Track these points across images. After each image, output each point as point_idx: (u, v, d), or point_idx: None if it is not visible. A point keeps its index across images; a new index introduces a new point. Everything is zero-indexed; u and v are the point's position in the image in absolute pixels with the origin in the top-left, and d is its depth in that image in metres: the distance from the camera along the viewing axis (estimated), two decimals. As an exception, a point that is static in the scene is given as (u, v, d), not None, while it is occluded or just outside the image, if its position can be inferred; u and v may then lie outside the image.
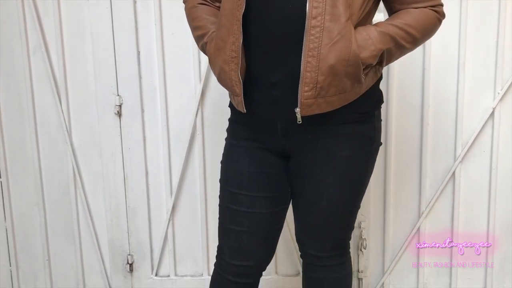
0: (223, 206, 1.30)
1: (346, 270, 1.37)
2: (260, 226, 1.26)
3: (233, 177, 1.27)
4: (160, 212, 1.86)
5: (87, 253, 1.90)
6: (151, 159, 1.83)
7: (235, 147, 1.28)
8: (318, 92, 1.09)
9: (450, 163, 1.78)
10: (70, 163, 1.83)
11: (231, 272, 1.30)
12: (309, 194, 1.24)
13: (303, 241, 1.35)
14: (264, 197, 1.25)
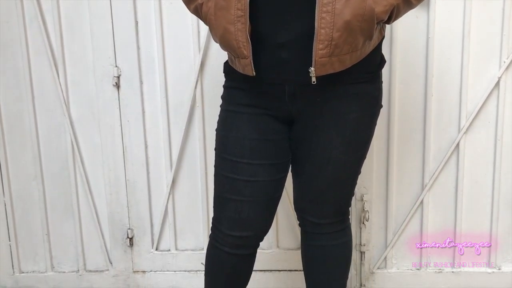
0: (221, 176, 1.25)
1: (346, 237, 1.35)
2: (262, 195, 1.23)
3: (233, 145, 1.22)
4: (160, 186, 1.84)
5: (86, 227, 1.88)
6: (150, 131, 1.80)
7: (234, 114, 1.23)
8: (333, 50, 1.05)
9: (454, 134, 1.75)
10: (69, 136, 1.80)
11: (229, 244, 1.26)
12: (316, 159, 1.21)
13: (303, 209, 1.32)
14: (266, 164, 1.21)
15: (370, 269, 1.85)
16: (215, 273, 1.32)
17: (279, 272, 1.87)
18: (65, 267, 1.92)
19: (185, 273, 1.88)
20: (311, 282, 1.39)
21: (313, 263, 1.37)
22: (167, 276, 1.89)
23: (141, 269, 1.89)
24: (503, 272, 1.82)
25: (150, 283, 1.89)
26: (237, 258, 1.28)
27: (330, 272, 1.35)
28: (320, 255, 1.34)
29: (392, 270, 1.85)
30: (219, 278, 1.31)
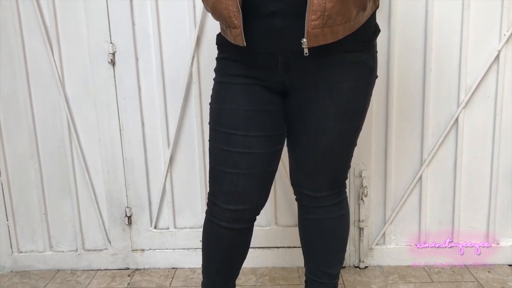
0: (216, 149, 1.23)
1: (343, 210, 1.34)
2: (257, 168, 1.21)
3: (227, 117, 1.20)
4: (158, 164, 1.83)
5: (84, 206, 1.87)
6: (146, 109, 1.78)
7: (228, 85, 1.20)
8: (326, 21, 1.04)
9: (453, 109, 1.74)
10: (64, 114, 1.78)
11: (226, 218, 1.25)
12: (311, 129, 1.20)
13: (299, 183, 1.31)
14: (262, 136, 1.20)
15: (369, 245, 1.85)
16: (212, 248, 1.31)
17: (278, 249, 1.87)
18: (64, 247, 1.91)
19: (183, 251, 1.88)
20: (309, 256, 1.39)
21: (310, 237, 1.36)
22: (166, 254, 1.89)
23: (140, 248, 1.89)
24: (502, 246, 1.82)
25: (149, 261, 1.89)
26: (234, 232, 1.27)
27: (327, 245, 1.34)
28: (317, 229, 1.33)
29: (390, 246, 1.85)
30: (217, 253, 1.31)
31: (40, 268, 1.91)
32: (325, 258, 1.36)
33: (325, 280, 1.35)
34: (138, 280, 1.81)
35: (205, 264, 1.35)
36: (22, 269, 1.91)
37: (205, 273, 1.36)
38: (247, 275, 1.81)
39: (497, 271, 1.78)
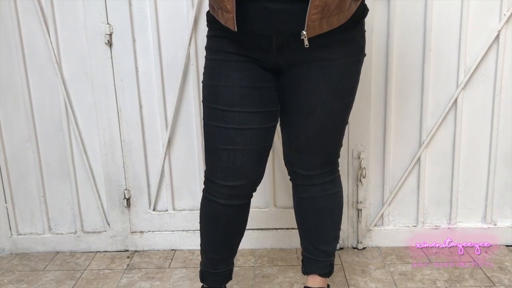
0: (212, 127, 1.23)
1: (336, 188, 1.36)
2: (254, 143, 1.22)
3: (223, 94, 1.19)
4: (156, 146, 1.83)
5: (83, 188, 1.87)
6: (144, 91, 1.77)
7: (222, 62, 1.20)
8: (324, 14, 1.07)
9: (452, 90, 1.73)
10: (62, 96, 1.77)
11: (224, 195, 1.26)
12: (304, 106, 1.22)
13: (293, 162, 1.33)
14: (257, 112, 1.20)
15: (367, 226, 1.86)
16: (211, 226, 1.31)
17: (276, 231, 1.87)
18: (63, 229, 1.92)
19: (182, 232, 1.89)
20: (305, 234, 1.40)
21: (305, 215, 1.38)
22: (165, 236, 1.89)
23: (139, 230, 1.90)
24: (499, 227, 1.83)
25: (148, 243, 1.90)
26: (232, 209, 1.28)
27: (322, 222, 1.36)
28: (312, 207, 1.35)
29: (388, 227, 1.86)
30: (216, 231, 1.31)
31: (40, 250, 1.92)
32: (320, 236, 1.38)
33: (322, 258, 1.38)
34: (137, 261, 1.82)
35: (203, 243, 1.36)
36: (22, 251, 1.92)
37: (203, 253, 1.37)
38: (246, 256, 1.82)
39: (494, 251, 1.79)
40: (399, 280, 1.62)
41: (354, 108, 1.72)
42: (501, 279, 1.61)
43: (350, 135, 1.77)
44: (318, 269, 1.38)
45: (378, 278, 1.64)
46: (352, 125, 1.76)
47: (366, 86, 1.72)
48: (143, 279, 1.69)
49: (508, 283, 1.58)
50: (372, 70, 1.71)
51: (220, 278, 1.38)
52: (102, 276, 1.73)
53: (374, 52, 1.70)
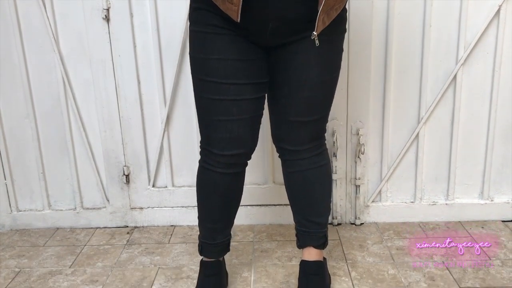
0: (206, 99, 1.24)
1: (324, 160, 1.38)
2: (248, 112, 1.25)
3: (216, 67, 1.20)
4: (155, 123, 1.82)
5: (82, 165, 1.88)
6: (142, 66, 1.76)
7: (212, 36, 1.19)
8: (328, 12, 1.14)
9: (452, 66, 1.73)
10: (59, 72, 1.76)
11: (221, 164, 1.29)
12: (293, 80, 1.24)
13: (281, 138, 1.35)
14: (250, 84, 1.23)
15: (365, 202, 1.87)
16: (209, 195, 1.34)
17: (275, 207, 1.89)
18: (62, 205, 1.93)
19: (182, 209, 1.90)
20: (297, 208, 1.42)
21: (296, 189, 1.39)
22: (165, 212, 1.90)
23: (138, 206, 1.91)
24: (496, 203, 1.85)
25: (147, 219, 1.91)
26: (229, 177, 1.32)
27: (312, 195, 1.38)
28: (301, 180, 1.37)
29: (386, 203, 1.88)
30: (214, 200, 1.34)
31: (40, 226, 1.93)
32: (312, 208, 1.39)
33: (315, 230, 1.39)
34: (137, 237, 1.83)
35: (201, 214, 1.38)
36: (22, 227, 1.93)
37: (202, 224, 1.39)
38: (245, 231, 1.84)
39: (490, 227, 1.81)
40: (396, 255, 1.64)
41: (353, 84, 1.74)
42: (496, 253, 1.63)
43: (349, 111, 1.77)
44: (312, 241, 1.40)
45: (376, 253, 1.66)
46: (351, 101, 1.76)
47: (366, 62, 1.72)
48: (143, 254, 1.71)
49: (503, 257, 1.60)
50: (371, 46, 1.71)
51: (219, 249, 1.41)
52: (102, 251, 1.74)
53: (374, 28, 1.69)
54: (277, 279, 1.52)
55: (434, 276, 1.51)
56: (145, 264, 1.64)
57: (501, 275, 1.51)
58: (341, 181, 1.85)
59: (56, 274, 1.60)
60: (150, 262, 1.66)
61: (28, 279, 1.58)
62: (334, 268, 1.57)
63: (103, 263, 1.66)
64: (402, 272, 1.54)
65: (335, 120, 1.77)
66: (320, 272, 1.40)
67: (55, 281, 1.56)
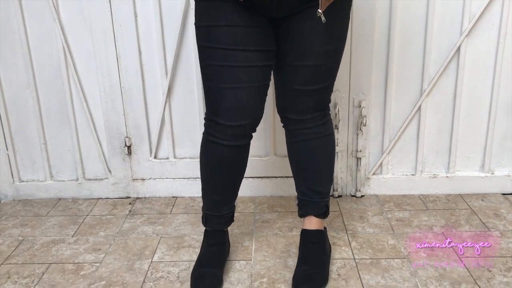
0: (214, 66, 1.22)
1: (328, 130, 1.38)
2: (257, 81, 1.24)
3: (223, 34, 1.19)
4: (156, 93, 1.82)
5: (83, 136, 1.88)
6: (143, 36, 1.75)
7: (218, 4, 1.18)
8: None
9: (456, 37, 1.71)
10: (60, 42, 1.75)
11: (228, 136, 1.27)
12: (299, 49, 1.23)
13: (285, 107, 1.35)
14: (259, 51, 1.21)
15: (366, 175, 1.88)
16: (215, 168, 1.33)
17: (276, 179, 1.89)
18: (64, 176, 1.94)
19: (183, 180, 1.91)
20: (299, 178, 1.42)
21: (299, 158, 1.39)
22: (166, 184, 1.91)
23: (140, 177, 1.92)
24: (496, 176, 1.85)
25: (149, 190, 1.92)
26: (236, 149, 1.30)
27: (315, 164, 1.38)
28: (305, 149, 1.37)
29: (387, 176, 1.88)
30: (220, 173, 1.33)
31: (42, 196, 1.94)
32: (314, 177, 1.40)
33: (316, 199, 1.40)
34: (139, 207, 1.85)
35: (206, 187, 1.38)
36: (24, 197, 1.95)
37: (207, 196, 1.39)
38: (246, 203, 1.85)
39: (490, 200, 1.82)
40: (396, 226, 1.66)
41: (356, 56, 1.73)
42: (496, 224, 1.65)
43: (351, 83, 1.76)
44: (313, 210, 1.41)
45: (376, 224, 1.67)
46: (354, 73, 1.75)
47: (369, 33, 1.70)
48: (145, 224, 1.72)
49: (502, 229, 1.62)
50: (375, 17, 1.69)
51: (224, 220, 1.41)
52: (104, 221, 1.76)
53: (378, -3, 1.68)
54: (277, 248, 1.54)
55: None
56: (147, 233, 1.66)
57: (500, 245, 1.52)
58: (342, 153, 1.85)
59: (59, 243, 1.62)
60: (152, 231, 1.67)
61: (32, 247, 1.60)
62: (334, 238, 1.58)
63: (105, 232, 1.68)
64: (402, 242, 1.55)
65: (337, 92, 1.77)
66: (321, 240, 1.41)
67: (58, 249, 1.58)
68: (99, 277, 1.42)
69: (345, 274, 1.39)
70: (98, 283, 1.39)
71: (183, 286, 1.36)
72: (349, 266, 1.43)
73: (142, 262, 1.49)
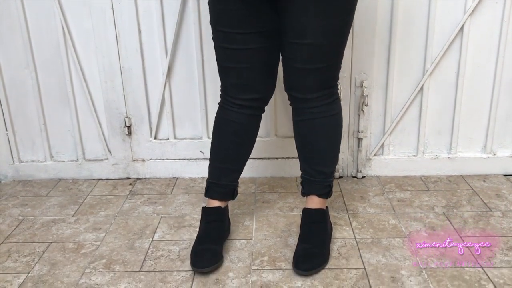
0: (219, 47, 1.32)
1: (335, 110, 1.36)
2: (257, 61, 1.29)
3: (222, 16, 1.25)
4: (156, 73, 1.80)
5: (83, 116, 1.86)
6: (143, 15, 1.72)
7: None
8: None
9: (459, 16, 1.69)
10: (59, 21, 1.73)
11: (237, 106, 1.35)
12: (295, 27, 1.22)
13: (290, 85, 1.34)
14: (256, 32, 1.25)
15: (367, 155, 1.87)
16: (222, 130, 1.39)
17: (277, 160, 1.88)
18: (64, 156, 1.93)
19: (184, 161, 1.90)
20: (304, 156, 1.41)
21: (304, 137, 1.39)
22: (167, 164, 1.91)
23: (140, 158, 1.91)
24: (498, 157, 1.84)
25: (149, 171, 1.91)
26: (244, 115, 1.37)
27: (320, 143, 1.37)
28: (310, 129, 1.36)
29: (389, 157, 1.87)
30: (226, 136, 1.38)
31: (42, 177, 1.94)
32: (319, 157, 1.39)
33: (320, 179, 1.40)
34: (140, 188, 1.84)
35: (213, 153, 1.43)
36: (24, 178, 1.94)
37: (211, 164, 1.43)
38: (247, 184, 1.84)
39: (492, 180, 1.81)
40: (397, 206, 1.65)
41: (358, 35, 1.71)
42: (497, 205, 1.64)
43: (353, 63, 1.75)
44: (316, 190, 1.41)
45: (377, 204, 1.67)
46: (356, 52, 1.73)
47: (371, 12, 1.68)
48: (145, 204, 1.72)
49: (504, 209, 1.61)
50: (377, -5, 1.67)
51: (223, 191, 1.43)
52: (105, 201, 1.75)
53: (381, -25, 1.65)
54: (278, 228, 1.54)
55: (435, 225, 1.52)
56: (147, 213, 1.66)
57: (501, 225, 1.51)
58: (343, 134, 1.83)
59: (59, 222, 1.62)
60: (153, 211, 1.67)
61: (32, 227, 1.59)
62: (335, 218, 1.58)
63: (105, 212, 1.68)
64: (403, 222, 1.55)
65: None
66: (322, 219, 1.41)
67: (58, 229, 1.58)
68: (99, 255, 1.42)
69: (346, 253, 1.39)
70: (99, 261, 1.39)
71: (183, 264, 1.36)
72: (350, 245, 1.43)
73: (143, 241, 1.49)
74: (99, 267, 1.37)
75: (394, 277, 1.28)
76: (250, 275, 1.31)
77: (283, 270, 1.33)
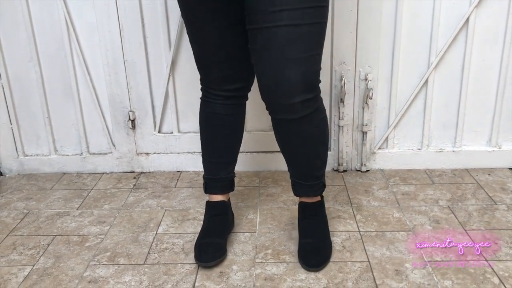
0: (192, 42, 1.31)
1: (322, 114, 1.25)
2: (238, 50, 1.27)
3: (193, 12, 1.23)
4: (160, 67, 1.80)
5: (87, 109, 1.87)
6: (146, 8, 1.72)
7: None
8: None
9: (465, 8, 1.67)
10: (62, 14, 1.72)
11: (221, 97, 1.35)
12: (267, 6, 1.08)
13: (271, 90, 1.16)
14: (229, 25, 1.23)
15: (371, 149, 1.86)
16: (209, 125, 1.38)
17: (280, 153, 1.87)
18: (68, 150, 1.93)
19: (188, 155, 1.90)
20: (289, 164, 1.34)
21: (292, 148, 1.29)
22: (171, 158, 1.91)
23: (144, 151, 1.91)
24: (503, 150, 1.83)
25: (154, 164, 1.92)
26: (230, 106, 1.36)
27: (310, 152, 1.28)
28: (298, 139, 1.25)
29: (393, 150, 1.87)
30: (214, 131, 1.38)
31: (46, 171, 1.94)
32: (308, 164, 1.31)
33: (311, 182, 1.34)
34: (144, 182, 1.84)
35: (205, 149, 1.42)
36: (29, 172, 1.95)
37: (205, 161, 1.43)
38: (251, 177, 1.84)
39: (497, 174, 1.80)
40: (401, 200, 1.65)
41: (363, 28, 1.70)
42: (502, 198, 1.63)
43: (358, 55, 1.74)
44: (309, 192, 1.36)
45: (381, 198, 1.66)
46: (360, 45, 1.72)
47: (376, 4, 1.67)
48: (150, 197, 1.72)
49: (509, 202, 1.60)
50: (382, -13, 1.65)
51: (222, 184, 1.43)
52: (109, 195, 1.75)
53: (386, -33, 1.64)
54: (282, 221, 1.54)
55: (439, 219, 1.52)
56: (152, 206, 1.66)
57: (506, 218, 1.51)
58: (347, 127, 1.83)
59: (64, 216, 1.62)
60: (157, 204, 1.67)
61: (37, 220, 1.60)
62: (339, 212, 1.57)
63: (110, 205, 1.68)
64: (408, 215, 1.54)
65: (343, 65, 1.74)
66: (320, 211, 1.39)
67: (63, 222, 1.58)
68: (104, 248, 1.43)
69: (350, 246, 1.39)
70: (103, 254, 1.40)
71: (187, 257, 1.36)
72: (354, 238, 1.43)
73: (147, 234, 1.49)
74: (104, 260, 1.37)
75: (398, 270, 1.28)
76: (254, 268, 1.31)
77: (287, 263, 1.33)
